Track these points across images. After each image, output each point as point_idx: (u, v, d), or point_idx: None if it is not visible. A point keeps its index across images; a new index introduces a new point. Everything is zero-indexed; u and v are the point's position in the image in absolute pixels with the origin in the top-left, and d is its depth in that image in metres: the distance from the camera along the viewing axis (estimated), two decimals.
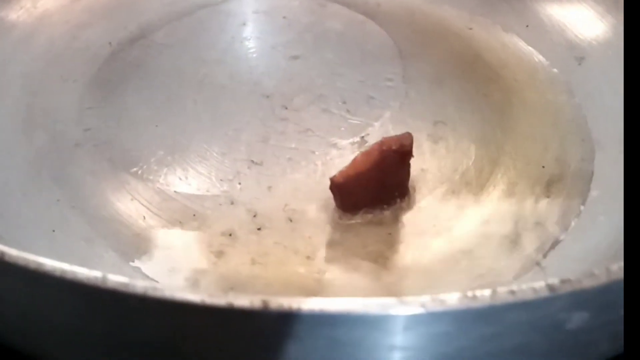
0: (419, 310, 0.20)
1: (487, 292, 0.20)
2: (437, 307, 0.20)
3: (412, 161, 0.35)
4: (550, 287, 0.20)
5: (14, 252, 0.21)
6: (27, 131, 0.39)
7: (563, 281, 0.20)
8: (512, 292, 0.20)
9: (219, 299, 0.20)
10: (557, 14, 0.46)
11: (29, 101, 0.41)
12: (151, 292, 0.19)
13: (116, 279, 0.20)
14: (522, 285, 0.20)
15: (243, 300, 0.20)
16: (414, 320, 0.20)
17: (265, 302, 0.20)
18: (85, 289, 0.20)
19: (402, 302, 0.20)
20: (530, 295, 0.20)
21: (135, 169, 0.38)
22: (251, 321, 0.20)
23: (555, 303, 0.21)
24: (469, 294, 0.20)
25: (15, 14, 0.45)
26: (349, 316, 0.20)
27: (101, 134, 0.40)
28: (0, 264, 0.20)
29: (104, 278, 0.20)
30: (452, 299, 0.20)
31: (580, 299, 0.21)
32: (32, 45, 0.44)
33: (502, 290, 0.20)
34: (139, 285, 0.20)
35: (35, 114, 0.40)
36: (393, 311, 0.20)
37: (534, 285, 0.20)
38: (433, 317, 0.20)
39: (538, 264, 0.34)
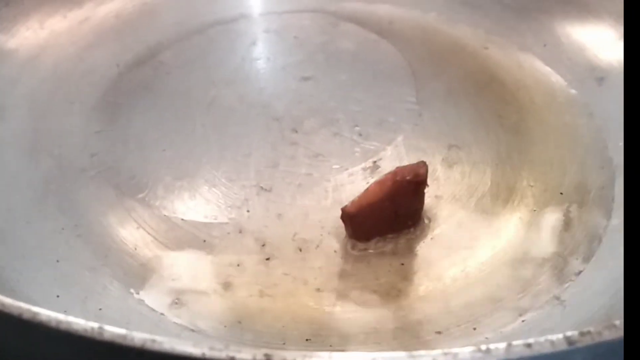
0: None
1: (501, 346, 0.19)
2: None
3: (426, 187, 0.34)
4: (569, 340, 0.19)
5: (7, 301, 0.20)
6: (32, 156, 0.39)
7: (582, 334, 0.19)
8: (529, 345, 0.19)
9: (220, 352, 0.19)
10: (576, 32, 0.44)
11: (34, 125, 0.40)
12: (149, 345, 0.19)
13: (114, 330, 0.19)
14: (539, 338, 0.19)
15: (245, 354, 0.19)
16: None
17: (268, 356, 0.19)
18: (81, 340, 0.19)
19: (412, 357, 0.19)
20: (547, 349, 0.19)
21: (141, 195, 0.37)
22: None
23: (574, 356, 0.20)
24: (483, 347, 0.19)
25: (21, 35, 0.44)
26: None
27: (108, 159, 0.39)
28: None
29: (101, 329, 0.19)
30: (464, 354, 0.19)
31: (599, 351, 0.20)
32: (38, 67, 0.43)
33: (517, 343, 0.19)
34: (137, 338, 0.19)
35: (41, 138, 0.40)
36: None
37: (551, 338, 0.19)
38: None
39: (557, 297, 0.32)
